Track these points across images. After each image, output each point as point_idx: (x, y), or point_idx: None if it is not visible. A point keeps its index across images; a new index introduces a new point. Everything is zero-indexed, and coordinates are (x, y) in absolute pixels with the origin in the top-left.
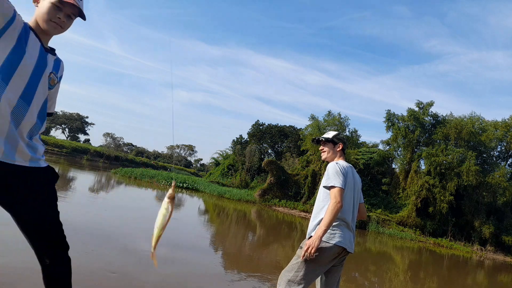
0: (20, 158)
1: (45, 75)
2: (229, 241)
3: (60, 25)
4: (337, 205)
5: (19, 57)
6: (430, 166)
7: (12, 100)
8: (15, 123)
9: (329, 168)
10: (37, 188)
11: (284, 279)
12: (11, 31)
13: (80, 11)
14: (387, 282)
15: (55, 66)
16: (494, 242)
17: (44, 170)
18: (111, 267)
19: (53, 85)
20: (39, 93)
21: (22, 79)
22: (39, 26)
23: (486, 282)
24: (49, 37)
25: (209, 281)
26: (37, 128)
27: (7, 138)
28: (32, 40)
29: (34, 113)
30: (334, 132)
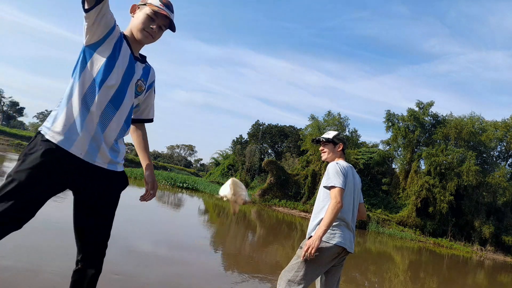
0: (100, 160)
1: (132, 82)
2: (230, 241)
3: (152, 35)
4: (337, 205)
5: (112, 64)
6: (430, 166)
7: (102, 104)
8: (102, 125)
9: (329, 168)
10: (108, 191)
11: (284, 279)
12: (110, 40)
13: (170, 23)
14: (387, 282)
15: (144, 73)
16: (494, 242)
17: (118, 175)
18: (113, 269)
19: (140, 92)
20: (127, 99)
21: (112, 85)
22: (132, 35)
23: (486, 282)
24: (141, 46)
25: (209, 282)
26: (122, 132)
27: (93, 139)
28: (124, 49)
29: (121, 118)
30: (334, 132)
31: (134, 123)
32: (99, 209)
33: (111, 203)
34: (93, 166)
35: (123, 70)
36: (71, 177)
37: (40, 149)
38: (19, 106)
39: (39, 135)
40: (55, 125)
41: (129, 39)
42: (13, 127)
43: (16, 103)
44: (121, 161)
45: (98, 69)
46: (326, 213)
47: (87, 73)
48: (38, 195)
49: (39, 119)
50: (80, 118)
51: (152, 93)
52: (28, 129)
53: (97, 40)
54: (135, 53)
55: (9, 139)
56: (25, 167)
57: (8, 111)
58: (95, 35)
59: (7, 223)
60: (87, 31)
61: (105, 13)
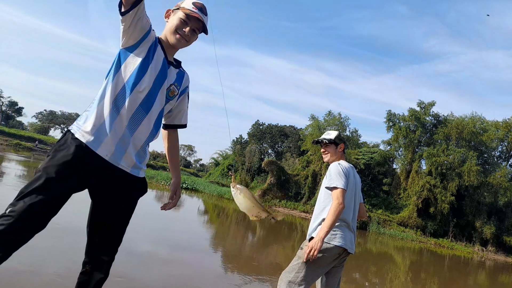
0: (124, 163)
1: (164, 87)
2: (230, 242)
3: (185, 38)
4: (340, 206)
5: (145, 68)
6: (431, 166)
7: (132, 107)
8: (131, 128)
9: (331, 169)
10: (127, 196)
11: (284, 280)
12: (145, 43)
13: (203, 26)
14: (388, 283)
15: (177, 78)
16: (495, 243)
17: (139, 181)
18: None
19: (172, 97)
20: (157, 103)
21: (143, 89)
22: (167, 40)
23: (487, 283)
24: (175, 50)
25: (209, 283)
26: (151, 136)
27: (120, 141)
28: (158, 53)
29: (151, 122)
30: (335, 132)
31: (167, 128)
32: (116, 213)
33: (128, 209)
34: (117, 169)
35: (156, 74)
36: (94, 177)
37: (70, 146)
38: (18, 106)
39: (69, 133)
40: (86, 124)
41: (164, 44)
42: (12, 127)
43: (15, 103)
44: (144, 167)
45: (131, 72)
46: (328, 215)
47: (120, 75)
48: (64, 192)
49: (38, 119)
50: (110, 120)
51: (185, 98)
52: (27, 129)
53: (133, 44)
54: (169, 57)
55: (8, 139)
56: (54, 163)
57: (7, 110)
58: (131, 38)
59: (35, 219)
60: (123, 34)
61: (141, 16)
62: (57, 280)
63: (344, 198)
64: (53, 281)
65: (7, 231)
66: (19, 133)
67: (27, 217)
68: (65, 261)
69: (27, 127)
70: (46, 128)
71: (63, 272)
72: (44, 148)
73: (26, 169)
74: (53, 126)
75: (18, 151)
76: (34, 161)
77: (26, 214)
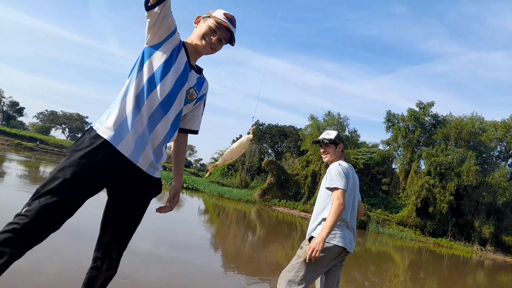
0: (142, 161)
1: (184, 89)
2: (230, 241)
3: (211, 45)
4: (340, 207)
5: (168, 68)
6: (430, 166)
7: (152, 106)
8: (150, 127)
9: (331, 169)
10: (141, 195)
11: (284, 279)
12: (169, 43)
13: (231, 37)
14: (387, 282)
15: (197, 83)
16: (494, 242)
17: (155, 181)
18: None
19: (190, 100)
20: (176, 104)
21: (164, 89)
22: (192, 45)
23: (486, 282)
24: (198, 56)
25: (209, 282)
26: (168, 136)
27: (140, 139)
28: (181, 55)
29: (168, 122)
30: (335, 132)
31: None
32: (129, 211)
33: (141, 208)
34: (135, 167)
35: (177, 75)
36: (111, 175)
37: (89, 145)
38: (19, 106)
39: (87, 133)
40: (108, 121)
41: (188, 48)
42: (13, 127)
43: (16, 103)
44: (160, 168)
45: (154, 71)
46: (329, 215)
47: (143, 73)
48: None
49: (39, 119)
50: (131, 117)
51: (201, 105)
52: (28, 129)
53: (157, 42)
54: (192, 61)
55: (9, 139)
56: (72, 164)
57: (8, 111)
58: (155, 36)
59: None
60: (148, 31)
61: (166, 14)
62: (58, 280)
63: (344, 199)
64: (53, 280)
65: (22, 230)
66: (20, 133)
67: (42, 218)
68: (66, 261)
69: (28, 127)
70: (47, 128)
71: (63, 272)
72: (45, 148)
73: (27, 169)
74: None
75: (19, 151)
76: (35, 161)
77: (41, 214)
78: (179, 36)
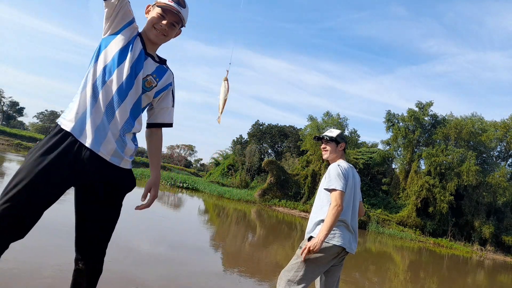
0: (104, 150)
1: (140, 76)
2: (229, 241)
3: (163, 33)
4: (338, 208)
5: (124, 56)
6: (430, 166)
7: (109, 94)
8: (108, 115)
9: (330, 170)
10: (111, 187)
11: (284, 279)
12: (125, 32)
13: (182, 19)
14: (387, 282)
15: (157, 72)
16: (494, 242)
17: (123, 172)
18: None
19: (149, 87)
20: (133, 92)
21: (120, 76)
22: (147, 35)
23: (486, 282)
24: (157, 46)
25: (209, 281)
26: (129, 124)
27: (99, 128)
28: (136, 44)
29: (126, 110)
30: (337, 130)
31: (150, 127)
32: (101, 206)
33: (114, 202)
34: (98, 157)
35: (132, 63)
36: (76, 168)
37: (49, 141)
38: (19, 106)
39: (52, 129)
40: (69, 114)
41: (144, 38)
42: (13, 127)
43: (16, 103)
44: (128, 158)
45: (110, 60)
46: (327, 217)
47: (99, 63)
48: (43, 195)
49: (39, 119)
50: (90, 107)
51: (168, 96)
52: (28, 129)
53: (114, 32)
54: (149, 50)
55: (9, 139)
56: (33, 163)
57: (8, 111)
58: (112, 26)
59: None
60: (105, 21)
61: (123, 5)
62: (56, 279)
63: (343, 200)
64: (53, 277)
65: None
66: (21, 133)
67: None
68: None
69: (28, 127)
70: (47, 128)
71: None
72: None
73: None
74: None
75: (19, 151)
76: None
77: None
78: (137, 26)
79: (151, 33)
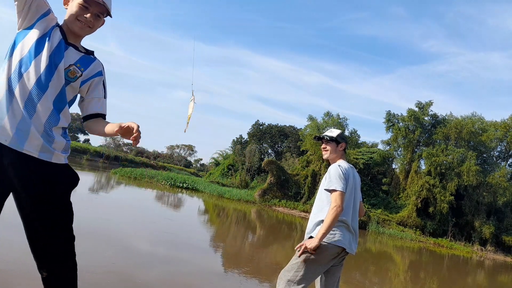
0: (30, 147)
1: (61, 67)
2: (229, 241)
3: (88, 25)
4: (338, 209)
5: (41, 47)
6: (431, 166)
7: (26, 87)
8: (28, 109)
9: (331, 170)
10: (47, 186)
11: (284, 279)
12: (42, 23)
13: (107, 10)
14: (387, 282)
15: (80, 61)
16: (494, 242)
17: (59, 168)
18: (113, 268)
19: (73, 78)
20: (54, 83)
21: (37, 68)
22: (68, 27)
23: (486, 282)
24: (80, 38)
25: (208, 281)
26: (54, 117)
27: (20, 124)
28: (55, 34)
29: (49, 101)
30: (338, 130)
31: (86, 120)
32: (42, 207)
33: (54, 200)
34: (24, 156)
35: (50, 52)
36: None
37: None
38: None
39: None
40: None
41: (65, 28)
42: None
43: None
44: (61, 152)
45: (26, 53)
46: (326, 217)
47: (14, 57)
48: None
49: None
50: (5, 102)
51: (97, 87)
52: None
53: (29, 25)
54: (70, 40)
55: None
56: None
57: None
58: (26, 18)
59: None
60: (18, 15)
61: None
62: None
63: (343, 201)
64: None
65: None
66: None
67: None
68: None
69: None
70: None
71: None
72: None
73: None
74: None
75: None
76: None
77: None
78: (55, 17)
79: (74, 25)
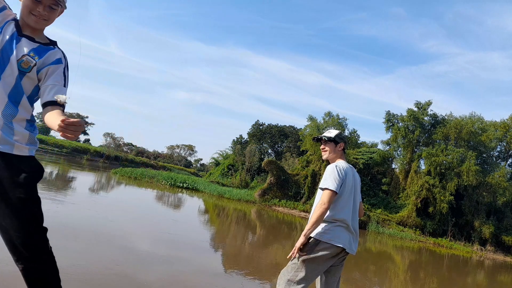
0: None
1: (13, 58)
2: (229, 241)
3: (43, 17)
4: (323, 206)
5: None
6: (430, 166)
7: None
8: None
9: (327, 170)
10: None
11: (283, 279)
12: None
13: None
14: (387, 282)
15: (34, 50)
16: (494, 242)
17: (21, 160)
18: (113, 267)
19: (27, 68)
20: (7, 75)
21: None
22: (24, 21)
23: (486, 282)
24: (37, 31)
25: (208, 281)
26: (11, 109)
27: None
28: (7, 28)
29: (5, 93)
30: (336, 131)
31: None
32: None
33: (16, 193)
34: None
35: (2, 46)
36: None
37: None
38: None
39: None
40: None
41: (23, 25)
42: None
43: None
44: (23, 144)
45: None
46: (312, 214)
47: None
48: None
49: (39, 119)
50: None
51: (55, 74)
52: None
53: None
54: (25, 32)
55: None
56: None
57: None
58: None
59: None
60: None
61: None
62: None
63: (331, 200)
64: None
65: None
66: None
67: None
68: (64, 260)
69: None
70: (47, 128)
71: (62, 271)
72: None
73: None
74: None
75: None
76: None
77: None
78: (12, 13)
79: (29, 19)
